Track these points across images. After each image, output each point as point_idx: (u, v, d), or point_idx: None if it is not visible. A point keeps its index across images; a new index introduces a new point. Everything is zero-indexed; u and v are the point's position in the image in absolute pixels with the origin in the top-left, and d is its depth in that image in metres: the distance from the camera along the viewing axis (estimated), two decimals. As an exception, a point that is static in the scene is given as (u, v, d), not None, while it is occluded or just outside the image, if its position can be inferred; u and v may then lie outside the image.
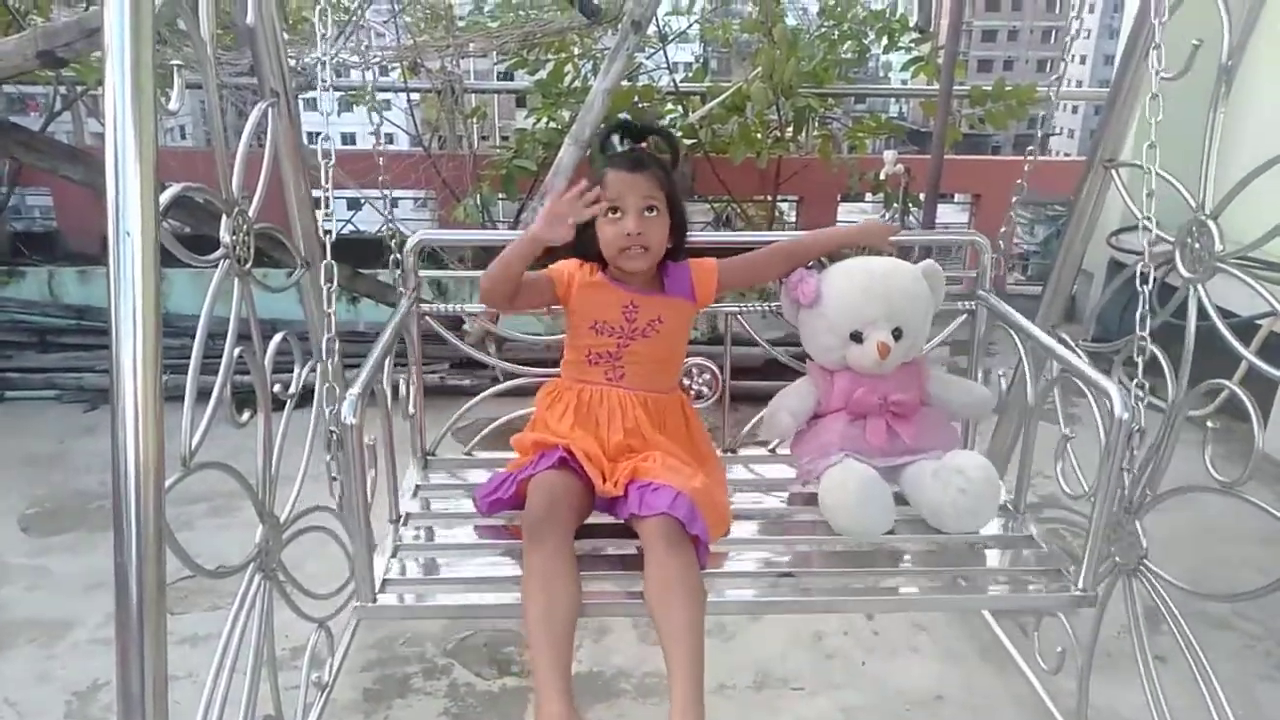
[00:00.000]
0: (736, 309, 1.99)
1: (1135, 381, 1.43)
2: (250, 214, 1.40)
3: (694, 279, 1.72)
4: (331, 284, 1.50)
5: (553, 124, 3.83)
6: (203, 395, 1.29)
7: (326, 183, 1.52)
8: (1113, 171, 1.67)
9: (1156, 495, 1.49)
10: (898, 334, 1.68)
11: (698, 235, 1.86)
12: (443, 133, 3.89)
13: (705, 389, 2.00)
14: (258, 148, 1.49)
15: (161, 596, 1.07)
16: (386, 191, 1.95)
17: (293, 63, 2.24)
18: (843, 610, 2.14)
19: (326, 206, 1.54)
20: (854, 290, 1.69)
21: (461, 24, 4.12)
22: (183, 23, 1.22)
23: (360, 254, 3.06)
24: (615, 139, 1.71)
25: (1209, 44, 1.40)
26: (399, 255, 1.88)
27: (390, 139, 2.04)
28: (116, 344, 1.04)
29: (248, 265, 1.41)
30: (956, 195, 5.17)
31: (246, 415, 1.44)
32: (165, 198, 1.15)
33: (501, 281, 1.59)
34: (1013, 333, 1.75)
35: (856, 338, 1.69)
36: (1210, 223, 1.39)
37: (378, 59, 3.88)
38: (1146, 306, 1.41)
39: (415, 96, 4.30)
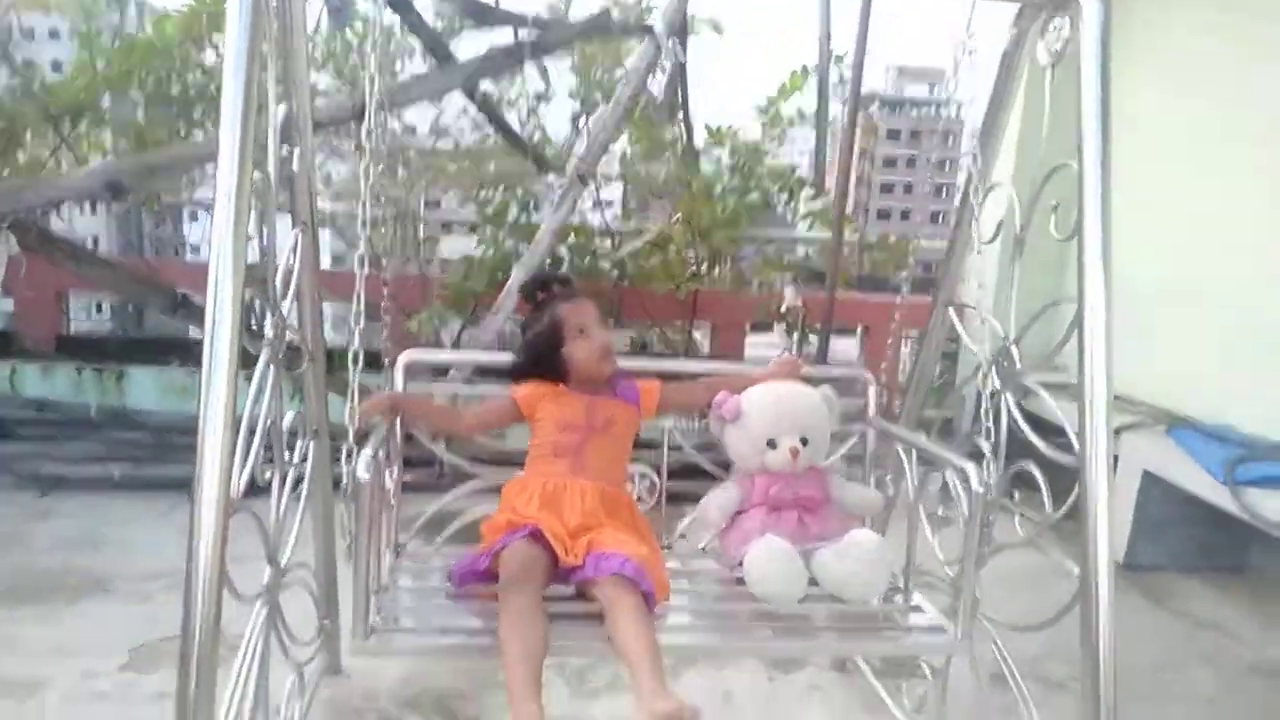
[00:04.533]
0: (670, 424, 2.32)
1: (984, 461, 1.89)
2: (285, 315, 1.77)
3: (641, 392, 2.14)
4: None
5: (498, 252, 4.32)
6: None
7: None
8: (950, 310, 2.19)
9: (987, 553, 1.92)
10: (804, 441, 2.05)
11: (630, 362, 2.26)
12: (394, 256, 4.30)
13: (644, 494, 2.29)
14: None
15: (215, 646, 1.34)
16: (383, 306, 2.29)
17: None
18: (764, 655, 2.57)
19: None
20: (769, 407, 2.08)
21: (416, 158, 4.62)
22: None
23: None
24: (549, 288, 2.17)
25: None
26: (389, 371, 2.18)
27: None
28: (202, 437, 1.36)
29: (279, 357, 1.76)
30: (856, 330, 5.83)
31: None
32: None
33: (441, 426, 2.20)
34: (898, 445, 2.16)
35: (772, 444, 2.03)
36: (1012, 347, 1.89)
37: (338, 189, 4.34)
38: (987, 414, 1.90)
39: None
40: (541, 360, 2.06)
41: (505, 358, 2.19)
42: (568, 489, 1.94)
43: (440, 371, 3.66)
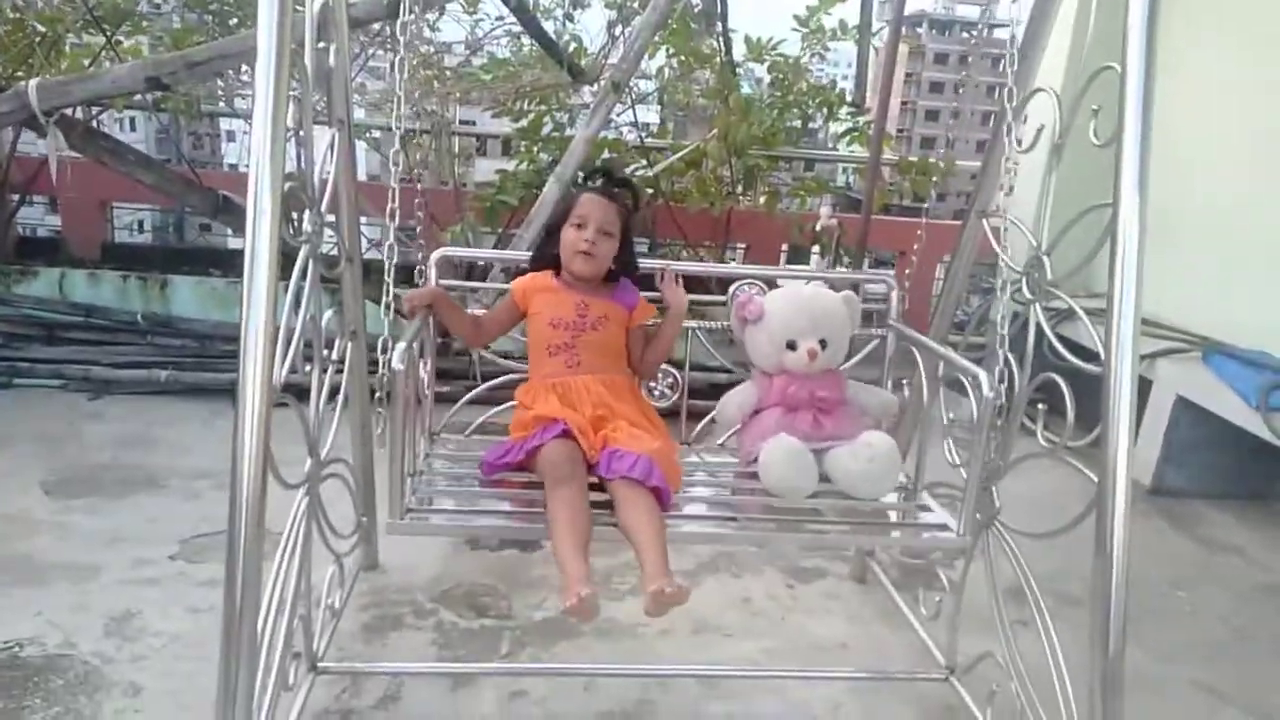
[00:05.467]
0: (695, 325, 2.36)
1: (997, 369, 1.89)
2: (323, 210, 1.80)
3: (638, 305, 2.15)
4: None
5: (532, 166, 4.31)
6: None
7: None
8: (984, 221, 2.17)
9: (1007, 464, 1.94)
10: (823, 344, 2.09)
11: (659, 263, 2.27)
12: (430, 169, 4.32)
13: (667, 390, 2.36)
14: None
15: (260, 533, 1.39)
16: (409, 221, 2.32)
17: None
18: (771, 544, 2.73)
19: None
20: (790, 308, 2.12)
21: (451, 75, 4.59)
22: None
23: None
24: (596, 178, 2.19)
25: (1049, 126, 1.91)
26: (423, 266, 2.25)
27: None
28: (245, 324, 1.39)
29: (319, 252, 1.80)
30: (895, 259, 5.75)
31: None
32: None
33: (461, 331, 2.16)
34: (914, 348, 2.18)
35: (791, 346, 2.09)
36: (1044, 257, 1.88)
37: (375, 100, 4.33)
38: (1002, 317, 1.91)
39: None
40: (545, 240, 2.12)
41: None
42: (573, 387, 2.00)
43: (478, 280, 3.70)
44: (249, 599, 1.39)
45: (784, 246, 5.21)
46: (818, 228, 4.39)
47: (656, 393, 2.33)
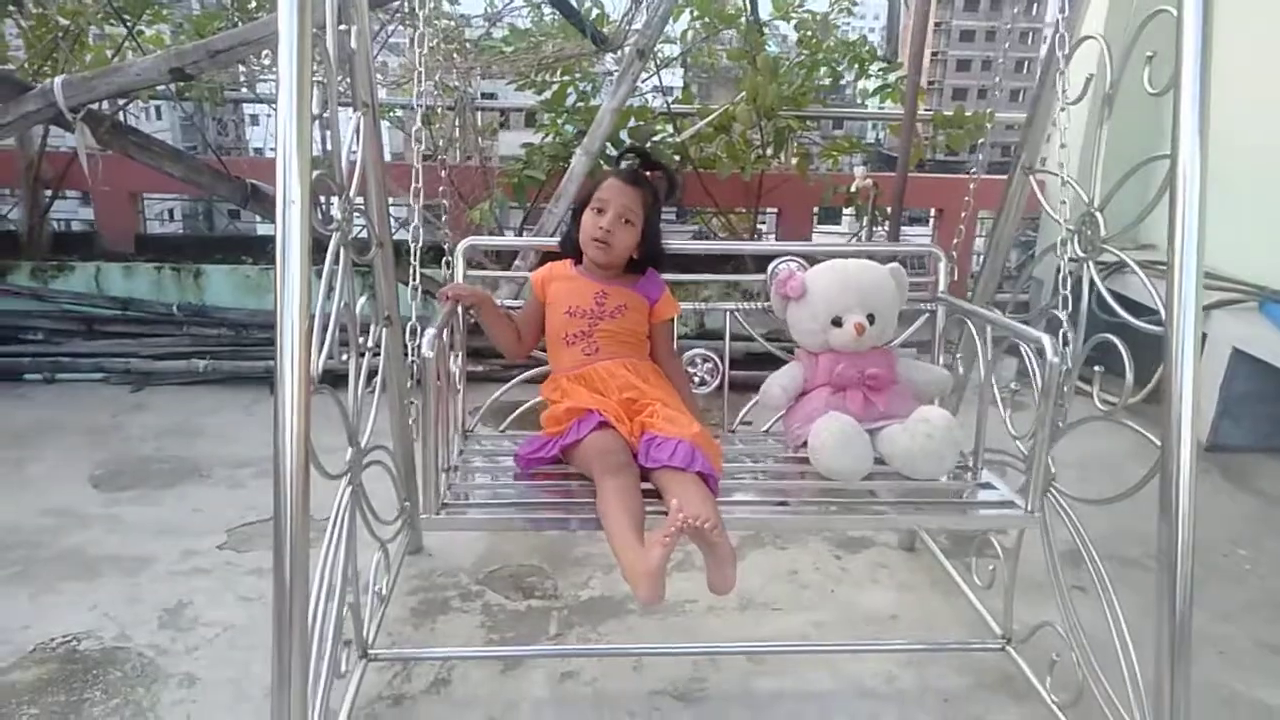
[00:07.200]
0: (733, 307, 2.29)
1: (1061, 331, 1.80)
2: (351, 196, 1.77)
3: (662, 297, 2.07)
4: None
5: (558, 139, 4.25)
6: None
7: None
8: (1030, 177, 2.09)
9: (1062, 428, 1.88)
10: (871, 319, 1.99)
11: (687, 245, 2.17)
12: (454, 146, 4.28)
13: (707, 377, 2.27)
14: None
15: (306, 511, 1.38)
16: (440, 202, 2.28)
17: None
18: (829, 529, 2.59)
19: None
20: (834, 283, 2.02)
21: (472, 48, 4.53)
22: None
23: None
24: (628, 158, 2.10)
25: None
26: (450, 257, 2.21)
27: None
28: (281, 318, 1.36)
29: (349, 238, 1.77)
30: (929, 216, 5.63)
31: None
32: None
33: (503, 342, 2.05)
34: (967, 320, 2.08)
35: (837, 322, 1.98)
36: (1097, 214, 1.80)
37: (396, 78, 4.29)
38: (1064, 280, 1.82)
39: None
40: (572, 222, 2.04)
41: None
42: (597, 375, 1.93)
43: (505, 265, 3.67)
44: (298, 588, 1.38)
45: (815, 208, 5.13)
46: (853, 189, 4.28)
47: (696, 379, 2.25)
